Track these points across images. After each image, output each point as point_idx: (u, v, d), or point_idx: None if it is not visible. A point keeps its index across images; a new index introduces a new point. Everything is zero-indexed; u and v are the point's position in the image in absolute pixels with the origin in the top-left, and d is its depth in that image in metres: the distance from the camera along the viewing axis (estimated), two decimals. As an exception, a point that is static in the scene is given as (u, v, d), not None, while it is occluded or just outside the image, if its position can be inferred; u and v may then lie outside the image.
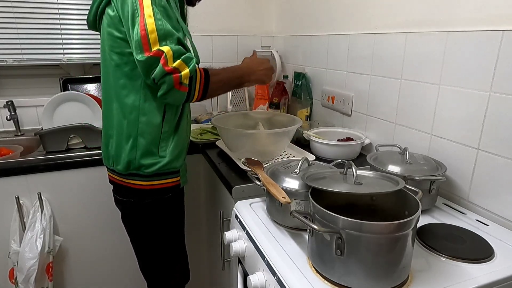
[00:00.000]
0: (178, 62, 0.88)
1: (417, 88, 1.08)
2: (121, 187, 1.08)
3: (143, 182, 1.05)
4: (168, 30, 0.89)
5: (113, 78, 1.00)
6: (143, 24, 0.87)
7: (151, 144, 1.02)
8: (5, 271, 1.32)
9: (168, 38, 0.89)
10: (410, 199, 0.66)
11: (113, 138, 1.05)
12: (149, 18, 0.87)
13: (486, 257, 0.71)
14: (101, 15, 1.00)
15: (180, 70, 0.89)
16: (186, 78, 0.90)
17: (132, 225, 1.13)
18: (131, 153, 1.01)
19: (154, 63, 0.88)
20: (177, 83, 0.89)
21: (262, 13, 1.99)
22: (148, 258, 1.16)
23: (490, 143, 0.88)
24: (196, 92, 0.95)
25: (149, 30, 0.87)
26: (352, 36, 1.37)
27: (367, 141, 1.30)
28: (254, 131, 1.20)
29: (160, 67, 0.87)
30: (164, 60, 0.87)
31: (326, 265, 0.64)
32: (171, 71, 0.88)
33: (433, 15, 1.01)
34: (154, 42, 0.88)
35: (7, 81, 1.71)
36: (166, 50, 0.87)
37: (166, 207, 1.10)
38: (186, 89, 0.92)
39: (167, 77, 0.88)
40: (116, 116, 1.02)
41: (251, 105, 1.96)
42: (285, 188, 0.79)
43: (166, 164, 1.04)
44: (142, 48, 0.88)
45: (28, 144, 1.56)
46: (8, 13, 1.54)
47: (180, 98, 0.94)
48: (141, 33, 0.87)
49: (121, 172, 1.05)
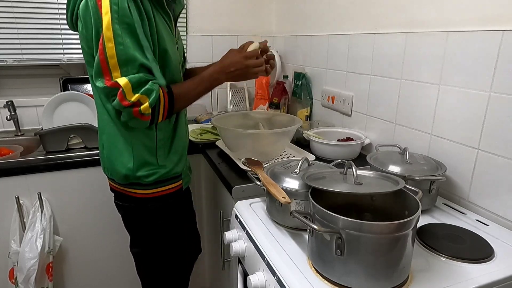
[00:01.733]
0: (137, 96, 0.84)
1: (417, 88, 1.08)
2: (122, 195, 1.05)
3: (144, 191, 1.01)
4: (129, 55, 0.83)
5: (96, 89, 0.96)
6: (102, 48, 0.82)
7: (148, 154, 0.98)
8: (5, 271, 1.32)
9: (129, 64, 0.83)
10: (410, 199, 0.66)
11: (107, 149, 1.00)
12: (108, 42, 0.81)
13: (486, 257, 0.71)
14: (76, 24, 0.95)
15: (141, 103, 0.85)
16: (147, 109, 0.86)
17: (134, 229, 1.11)
18: (127, 165, 0.97)
19: (112, 93, 0.85)
20: (138, 114, 0.87)
21: (262, 13, 1.99)
22: (147, 261, 1.14)
23: (490, 143, 0.88)
24: (160, 117, 0.91)
25: (109, 55, 0.82)
26: (352, 36, 1.37)
27: (367, 141, 1.30)
28: (254, 131, 1.20)
29: (117, 101, 0.85)
30: (122, 96, 0.84)
31: (326, 265, 0.64)
32: (130, 106, 0.85)
33: (433, 15, 1.01)
34: (114, 67, 0.83)
35: (7, 81, 1.71)
36: (124, 84, 0.83)
37: (169, 211, 1.08)
38: (149, 118, 0.89)
39: (126, 109, 0.86)
40: (108, 127, 0.98)
41: (251, 105, 1.96)
42: (285, 188, 0.79)
43: (167, 172, 1.02)
44: (101, 73, 0.84)
45: (28, 144, 1.56)
46: (8, 13, 1.54)
47: (143, 125, 0.91)
48: (100, 57, 0.82)
49: (120, 182, 1.01)
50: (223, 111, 1.95)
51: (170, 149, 1.02)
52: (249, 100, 1.99)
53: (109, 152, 1.00)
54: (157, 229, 1.08)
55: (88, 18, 0.84)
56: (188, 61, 1.90)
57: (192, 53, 1.90)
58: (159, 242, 1.10)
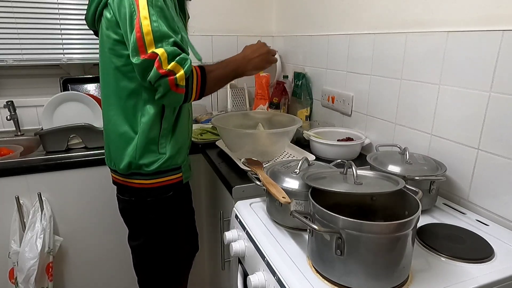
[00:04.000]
0: (172, 64, 0.88)
1: (417, 88, 1.08)
2: (124, 187, 1.08)
3: (145, 181, 1.04)
4: (163, 32, 0.88)
5: (113, 80, 1.00)
6: (138, 26, 0.87)
7: (151, 142, 1.02)
8: (5, 271, 1.32)
9: (164, 40, 0.88)
10: (410, 199, 0.66)
11: (113, 140, 1.05)
12: (144, 20, 0.87)
13: (486, 257, 0.71)
14: (99, 17, 1.00)
15: (175, 72, 0.88)
16: (182, 80, 0.90)
17: (133, 222, 1.13)
18: (132, 153, 1.01)
19: (149, 66, 0.88)
20: (173, 85, 0.89)
21: (262, 13, 1.99)
22: (144, 255, 1.15)
23: (490, 143, 0.88)
24: (194, 93, 0.95)
25: (145, 32, 0.87)
26: (352, 36, 1.37)
27: (367, 142, 1.30)
28: (254, 131, 1.20)
29: (155, 70, 0.87)
30: (159, 63, 0.87)
31: (326, 265, 0.64)
32: (166, 74, 0.88)
33: (433, 15, 1.01)
34: (150, 44, 0.87)
35: (7, 81, 1.71)
36: (160, 52, 0.87)
37: (168, 205, 1.10)
38: (183, 91, 0.91)
39: (162, 80, 0.88)
40: (116, 118, 1.02)
41: (251, 105, 1.96)
42: (285, 188, 0.79)
43: (167, 160, 1.04)
44: (138, 51, 0.88)
45: (28, 144, 1.56)
46: (8, 13, 1.54)
47: (177, 100, 0.93)
48: (137, 35, 0.87)
49: (123, 173, 1.05)
50: (223, 111, 1.95)
51: (171, 138, 1.05)
52: (249, 100, 1.99)
53: (114, 143, 1.04)
54: (155, 222, 1.10)
55: (122, 3, 0.90)
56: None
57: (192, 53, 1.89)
58: (157, 235, 1.11)
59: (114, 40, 0.95)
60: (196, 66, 0.95)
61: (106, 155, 1.11)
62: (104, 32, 0.97)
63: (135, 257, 1.18)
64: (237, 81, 1.99)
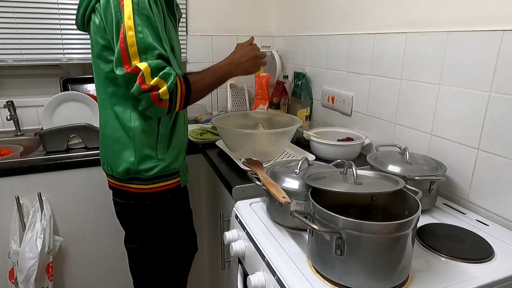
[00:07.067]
0: (155, 80, 0.87)
1: (417, 88, 1.08)
2: (121, 191, 1.06)
3: (143, 186, 1.03)
4: (148, 43, 0.87)
5: (103, 86, 0.99)
6: (123, 37, 0.85)
7: (149, 147, 1.00)
8: (5, 271, 1.32)
9: (148, 52, 0.87)
10: (410, 199, 0.66)
11: (110, 144, 1.03)
12: (129, 31, 0.85)
13: (486, 257, 0.71)
14: (88, 21, 0.97)
15: (159, 87, 0.87)
16: (166, 95, 0.89)
17: (130, 225, 1.12)
18: (129, 159, 1.00)
19: (132, 78, 0.87)
20: (156, 100, 0.89)
21: (262, 13, 1.99)
22: (141, 257, 1.14)
23: (490, 143, 0.88)
24: (178, 105, 0.94)
25: (129, 43, 0.85)
26: (352, 36, 1.37)
27: (367, 141, 1.30)
28: (254, 131, 1.20)
29: (137, 85, 0.86)
30: (141, 79, 0.86)
31: (326, 265, 0.64)
32: (149, 90, 0.87)
33: (433, 15, 1.01)
34: (134, 56, 0.86)
35: (7, 81, 1.71)
36: (143, 67, 0.85)
37: (165, 208, 1.09)
38: (167, 104, 0.91)
39: (145, 94, 0.88)
40: (112, 122, 1.00)
41: (251, 105, 1.96)
42: (285, 188, 0.79)
43: (166, 166, 1.03)
44: (121, 61, 0.87)
45: (28, 143, 1.56)
46: (8, 13, 1.54)
47: (161, 112, 0.93)
48: (121, 46, 0.86)
49: (121, 177, 1.03)
50: (223, 111, 1.95)
51: (169, 144, 1.04)
52: (249, 100, 1.99)
53: (111, 147, 1.02)
54: (153, 225, 1.09)
55: (109, 10, 0.87)
56: (188, 61, 1.90)
57: (192, 53, 1.90)
58: (155, 237, 1.11)
59: (102, 46, 0.93)
60: (181, 78, 0.93)
61: (102, 159, 1.09)
62: (92, 37, 0.96)
63: (131, 260, 1.17)
64: (237, 82, 2.00)
